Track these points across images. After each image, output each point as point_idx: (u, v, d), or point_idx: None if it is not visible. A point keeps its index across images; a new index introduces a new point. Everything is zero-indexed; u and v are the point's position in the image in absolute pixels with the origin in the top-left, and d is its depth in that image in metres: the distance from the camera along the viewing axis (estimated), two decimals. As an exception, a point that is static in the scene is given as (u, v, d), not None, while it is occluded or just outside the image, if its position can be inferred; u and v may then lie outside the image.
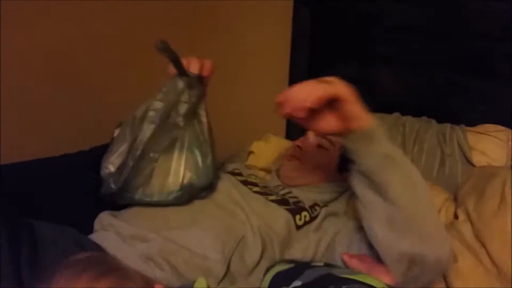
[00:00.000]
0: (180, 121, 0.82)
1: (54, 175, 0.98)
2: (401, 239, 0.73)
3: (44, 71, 1.17)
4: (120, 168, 0.82)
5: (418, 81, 1.45)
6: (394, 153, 0.75)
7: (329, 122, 0.75)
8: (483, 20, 1.29)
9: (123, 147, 0.82)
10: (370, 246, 0.80)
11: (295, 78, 1.72)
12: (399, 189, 0.73)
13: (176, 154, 0.84)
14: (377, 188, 0.75)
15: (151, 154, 0.82)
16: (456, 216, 1.01)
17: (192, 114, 0.84)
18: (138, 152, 0.81)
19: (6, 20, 1.04)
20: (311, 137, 1.09)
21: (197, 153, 0.85)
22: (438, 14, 1.37)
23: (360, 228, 0.83)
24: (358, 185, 0.78)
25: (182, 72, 0.81)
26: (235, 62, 0.87)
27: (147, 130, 0.81)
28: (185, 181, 0.84)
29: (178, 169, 0.84)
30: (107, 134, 0.92)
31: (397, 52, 1.47)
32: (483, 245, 0.90)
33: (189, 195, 0.86)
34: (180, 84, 0.82)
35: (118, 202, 0.87)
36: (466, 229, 0.95)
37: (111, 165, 0.82)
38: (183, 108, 0.82)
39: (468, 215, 0.97)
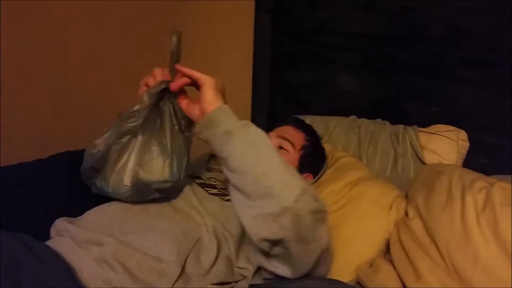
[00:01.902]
0: (138, 121, 0.86)
1: (19, 181, 0.97)
2: (254, 204, 0.75)
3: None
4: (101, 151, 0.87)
5: (373, 85, 1.50)
6: (233, 127, 0.78)
7: (195, 107, 0.84)
8: (436, 26, 1.35)
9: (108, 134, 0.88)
10: None
11: (258, 83, 1.75)
12: (238, 158, 0.76)
13: (131, 149, 0.87)
14: (225, 164, 0.78)
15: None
16: (406, 214, 1.05)
17: (157, 118, 0.88)
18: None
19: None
20: (272, 139, 1.11)
21: (154, 152, 0.88)
22: (393, 20, 1.42)
23: None
24: (223, 170, 0.81)
25: (170, 69, 0.86)
26: (199, 68, 0.88)
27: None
28: (138, 177, 0.86)
29: (127, 165, 0.87)
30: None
31: (354, 58, 1.52)
32: (433, 240, 0.93)
33: (141, 194, 0.88)
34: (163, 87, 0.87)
35: (91, 185, 0.90)
36: (416, 225, 0.98)
37: (93, 146, 0.87)
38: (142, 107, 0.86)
39: (418, 211, 1.01)
